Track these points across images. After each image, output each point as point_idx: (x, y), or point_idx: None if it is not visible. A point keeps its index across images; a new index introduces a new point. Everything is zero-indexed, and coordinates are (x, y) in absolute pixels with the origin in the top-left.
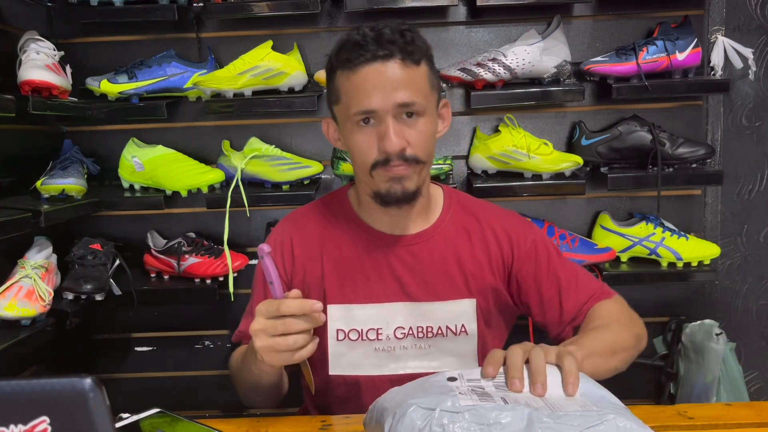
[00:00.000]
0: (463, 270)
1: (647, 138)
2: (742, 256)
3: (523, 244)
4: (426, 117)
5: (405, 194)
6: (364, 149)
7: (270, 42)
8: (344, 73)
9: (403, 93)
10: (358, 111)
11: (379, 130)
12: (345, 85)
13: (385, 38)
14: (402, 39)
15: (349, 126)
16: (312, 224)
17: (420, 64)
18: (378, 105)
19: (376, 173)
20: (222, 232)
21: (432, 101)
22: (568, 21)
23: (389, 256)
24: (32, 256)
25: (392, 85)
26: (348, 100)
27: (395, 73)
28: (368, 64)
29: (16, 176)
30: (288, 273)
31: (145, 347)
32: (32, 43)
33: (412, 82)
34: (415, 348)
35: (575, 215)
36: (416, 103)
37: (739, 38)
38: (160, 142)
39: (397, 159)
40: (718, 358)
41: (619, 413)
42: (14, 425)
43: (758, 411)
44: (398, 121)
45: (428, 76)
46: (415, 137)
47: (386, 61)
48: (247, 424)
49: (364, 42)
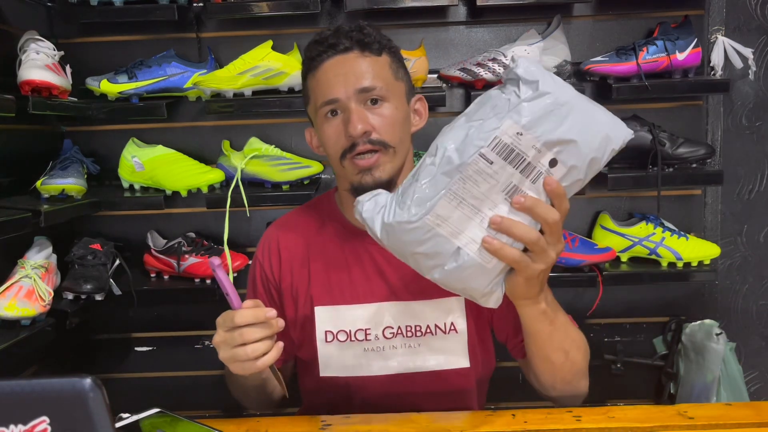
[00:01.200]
0: None
1: (647, 138)
2: (742, 256)
3: None
4: (391, 102)
5: (377, 184)
6: (333, 140)
7: (270, 42)
8: (310, 73)
9: (364, 79)
10: (323, 102)
11: (344, 118)
12: (312, 84)
13: (343, 33)
14: (360, 33)
15: (319, 121)
16: (298, 228)
17: (381, 54)
18: (340, 93)
19: (346, 163)
20: (222, 232)
21: (397, 89)
22: (568, 21)
23: (374, 255)
24: (32, 256)
25: (353, 73)
26: (315, 96)
27: (355, 62)
28: (329, 58)
29: (16, 176)
30: (276, 277)
31: (145, 347)
32: (32, 43)
33: (373, 70)
34: (404, 347)
35: (575, 215)
36: (377, 87)
37: (739, 38)
38: (160, 142)
39: (363, 144)
40: (718, 358)
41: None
42: (14, 425)
43: (758, 411)
44: (362, 107)
45: (391, 66)
46: (380, 121)
47: (345, 53)
48: (247, 424)
49: (323, 39)
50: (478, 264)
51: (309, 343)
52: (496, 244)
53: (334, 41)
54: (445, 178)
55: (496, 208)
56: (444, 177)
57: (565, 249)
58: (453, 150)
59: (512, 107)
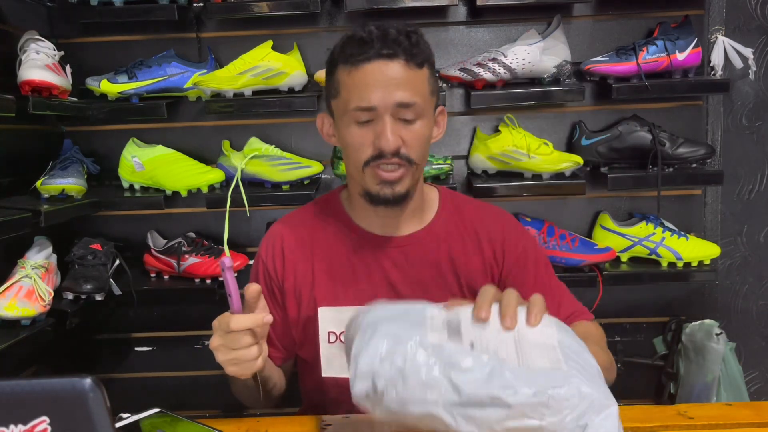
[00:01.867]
0: (456, 272)
1: (647, 138)
2: (742, 256)
3: (514, 250)
4: (423, 120)
5: (396, 197)
6: (359, 145)
7: (270, 42)
8: (346, 68)
9: (404, 93)
10: (358, 107)
11: (376, 128)
12: (346, 80)
13: (391, 38)
14: (407, 41)
15: (346, 120)
16: (303, 227)
17: (422, 67)
18: (378, 102)
19: (368, 171)
20: (222, 232)
21: (430, 106)
22: (568, 21)
23: (380, 257)
24: (32, 256)
25: (394, 84)
26: (348, 95)
27: (398, 72)
28: (372, 61)
29: (16, 176)
30: (279, 276)
31: (145, 347)
32: (32, 43)
33: (414, 84)
34: None
35: (575, 215)
36: (416, 105)
37: (739, 38)
38: (160, 142)
39: (391, 156)
40: (718, 358)
41: (586, 377)
42: (14, 425)
43: (758, 411)
44: (395, 121)
45: (429, 81)
46: (411, 138)
47: (390, 60)
48: (247, 424)
49: (369, 39)
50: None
51: (311, 343)
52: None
53: (381, 45)
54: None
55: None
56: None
57: (565, 249)
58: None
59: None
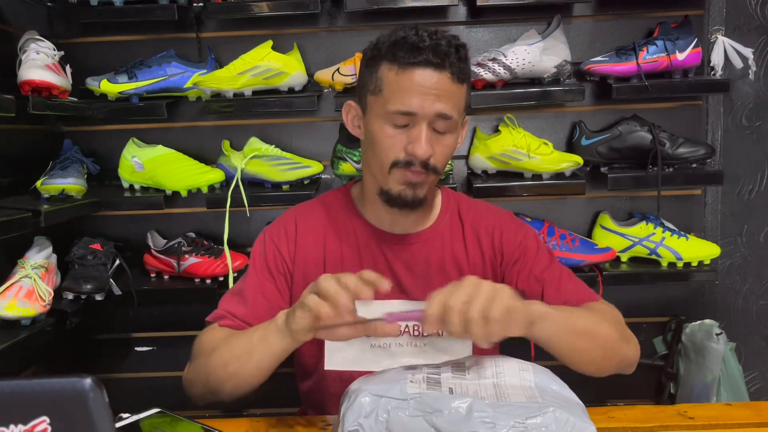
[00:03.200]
0: (460, 270)
1: (647, 138)
2: (742, 256)
3: (512, 241)
4: (454, 134)
5: (414, 200)
6: (389, 145)
7: (270, 42)
8: (393, 67)
9: (445, 105)
10: (398, 110)
11: (410, 133)
12: (390, 80)
13: (442, 49)
14: (457, 55)
15: (382, 119)
16: (316, 217)
17: (464, 83)
18: (419, 109)
19: (394, 172)
20: (222, 232)
21: (462, 120)
22: (568, 21)
23: (388, 254)
24: (32, 256)
25: (437, 94)
26: (390, 95)
27: (443, 84)
28: (421, 67)
29: (16, 176)
30: (289, 260)
31: (145, 347)
32: (32, 43)
33: (454, 98)
34: (410, 345)
35: (575, 215)
36: (453, 118)
37: (739, 38)
38: (160, 142)
39: (420, 165)
40: (718, 358)
41: (563, 408)
42: (14, 425)
43: (758, 411)
44: (430, 130)
45: (466, 97)
46: (441, 150)
47: (438, 70)
48: (247, 425)
49: (423, 46)
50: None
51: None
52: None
53: (432, 54)
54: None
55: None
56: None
57: (566, 249)
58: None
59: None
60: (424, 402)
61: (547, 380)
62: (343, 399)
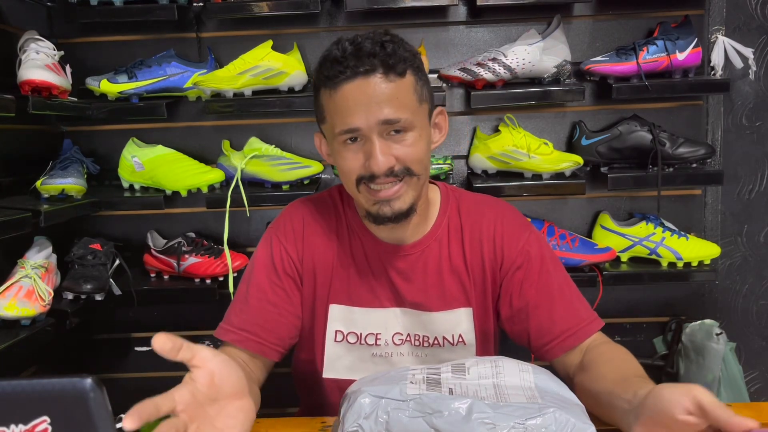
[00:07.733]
0: (459, 278)
1: (647, 138)
2: (742, 256)
3: (513, 248)
4: (415, 131)
5: (397, 214)
6: (350, 167)
7: (270, 42)
8: (326, 91)
9: (388, 109)
10: (342, 130)
11: (365, 149)
12: (328, 104)
13: (365, 52)
14: (383, 51)
15: (336, 145)
16: (328, 213)
17: (405, 75)
18: (361, 123)
19: (362, 189)
20: (222, 232)
21: (421, 113)
22: (568, 21)
23: (387, 265)
24: (32, 256)
25: (376, 101)
26: (332, 120)
27: (378, 88)
28: (349, 81)
29: (16, 176)
30: (297, 256)
31: (145, 347)
32: (32, 43)
33: (396, 97)
34: (412, 355)
35: (575, 215)
36: (402, 120)
37: (739, 38)
38: (160, 142)
39: (385, 177)
40: (718, 358)
41: (563, 409)
42: (14, 425)
43: (758, 411)
44: (385, 139)
45: (415, 88)
46: (404, 152)
47: (367, 76)
48: None
49: (344, 58)
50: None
51: (315, 341)
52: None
53: (355, 62)
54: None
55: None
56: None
57: (566, 249)
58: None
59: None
60: (424, 403)
61: (547, 381)
62: (343, 400)
